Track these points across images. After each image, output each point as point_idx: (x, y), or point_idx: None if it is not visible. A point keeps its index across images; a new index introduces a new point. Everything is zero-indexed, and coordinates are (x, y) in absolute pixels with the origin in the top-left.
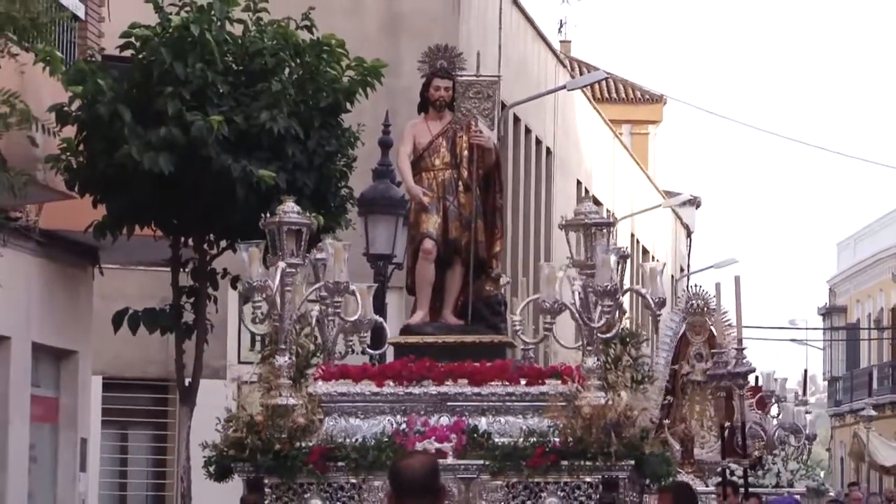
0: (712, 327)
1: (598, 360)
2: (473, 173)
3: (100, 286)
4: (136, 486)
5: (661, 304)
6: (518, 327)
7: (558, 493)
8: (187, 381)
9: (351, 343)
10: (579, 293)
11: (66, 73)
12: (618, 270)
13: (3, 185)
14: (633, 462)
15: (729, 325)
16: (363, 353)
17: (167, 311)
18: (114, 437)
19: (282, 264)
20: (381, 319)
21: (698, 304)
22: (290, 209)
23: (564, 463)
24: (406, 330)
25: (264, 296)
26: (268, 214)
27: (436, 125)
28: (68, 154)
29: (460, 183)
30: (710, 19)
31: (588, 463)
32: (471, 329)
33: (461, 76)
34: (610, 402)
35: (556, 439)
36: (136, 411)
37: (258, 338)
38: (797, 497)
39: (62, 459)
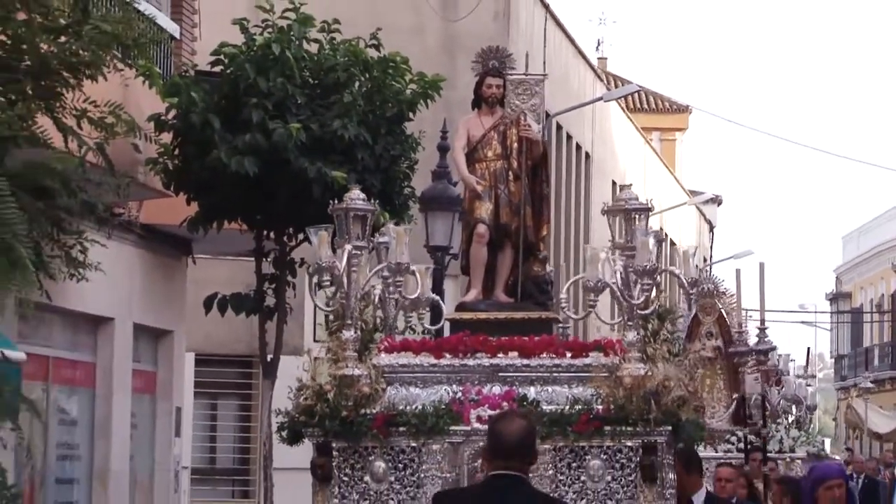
0: (721, 308)
1: (637, 334)
2: (522, 164)
3: (192, 273)
4: (223, 449)
5: (693, 283)
6: (564, 304)
7: (601, 456)
8: (269, 357)
9: (410, 319)
10: (620, 273)
11: (164, 87)
12: (655, 252)
13: (109, 185)
14: (670, 428)
15: (735, 307)
16: (424, 332)
17: (251, 296)
18: (204, 407)
19: (348, 247)
20: (437, 298)
21: (708, 288)
22: (355, 197)
23: (607, 428)
24: (461, 307)
25: (332, 275)
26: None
27: (488, 120)
28: (165, 158)
29: (510, 173)
30: (732, 37)
31: (629, 428)
32: (520, 306)
33: (511, 75)
34: (649, 373)
35: (600, 407)
36: (224, 384)
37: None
38: (838, 463)
39: (159, 426)
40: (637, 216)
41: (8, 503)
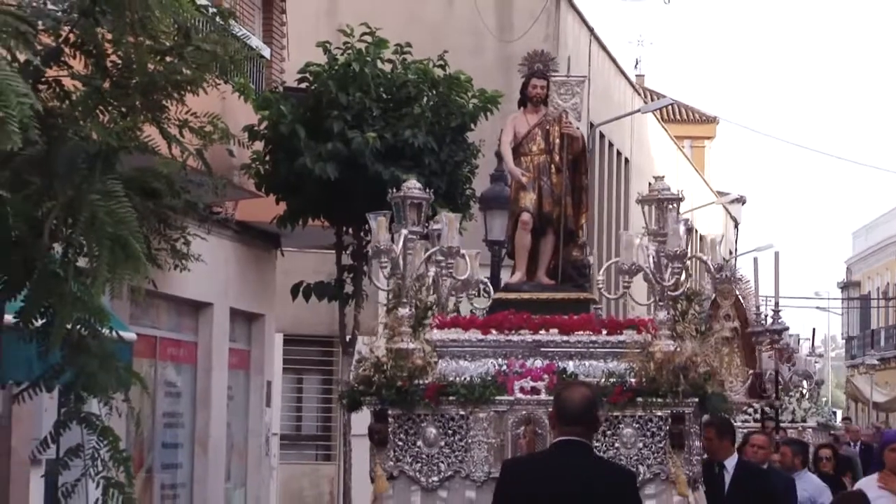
0: (738, 293)
1: (667, 313)
2: (564, 158)
3: (281, 264)
4: (308, 418)
5: (719, 268)
6: (601, 286)
7: (633, 424)
8: (347, 337)
9: (461, 299)
10: (653, 257)
11: (256, 101)
12: (685, 238)
13: (209, 186)
14: (696, 399)
15: (750, 292)
16: (472, 310)
17: (332, 284)
18: (291, 381)
19: (404, 231)
20: (485, 279)
21: (726, 275)
22: (412, 186)
23: (639, 400)
24: (506, 288)
25: (389, 258)
26: (393, 190)
27: (532, 117)
28: (257, 163)
29: (552, 166)
30: (755, 55)
31: (659, 400)
32: (560, 287)
33: (554, 76)
34: (678, 350)
35: (633, 380)
36: (309, 361)
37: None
38: None
39: (252, 398)
40: (668, 205)
41: (121, 464)
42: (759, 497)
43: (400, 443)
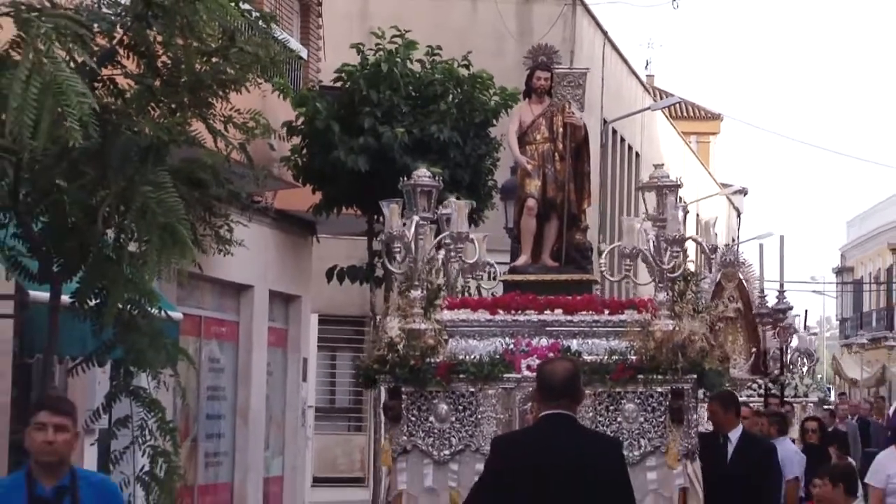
0: (741, 276)
1: (666, 294)
2: (567, 146)
3: (316, 250)
4: (341, 392)
5: (714, 250)
6: (604, 269)
7: (635, 400)
8: (378, 317)
9: (468, 281)
10: (653, 241)
11: (294, 98)
12: (684, 223)
13: (250, 177)
14: (695, 376)
15: (752, 276)
16: (478, 289)
17: (363, 268)
18: (326, 358)
19: (416, 217)
20: (493, 262)
21: (730, 259)
22: (422, 174)
23: (640, 376)
24: (513, 270)
25: (402, 242)
26: (405, 179)
27: (537, 108)
28: (295, 156)
29: (556, 154)
30: (758, 56)
31: (659, 377)
32: (564, 269)
33: (558, 69)
34: (677, 328)
35: (634, 357)
36: (342, 339)
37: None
38: None
39: (289, 373)
40: (667, 192)
41: (168, 434)
42: (762, 467)
43: (413, 418)
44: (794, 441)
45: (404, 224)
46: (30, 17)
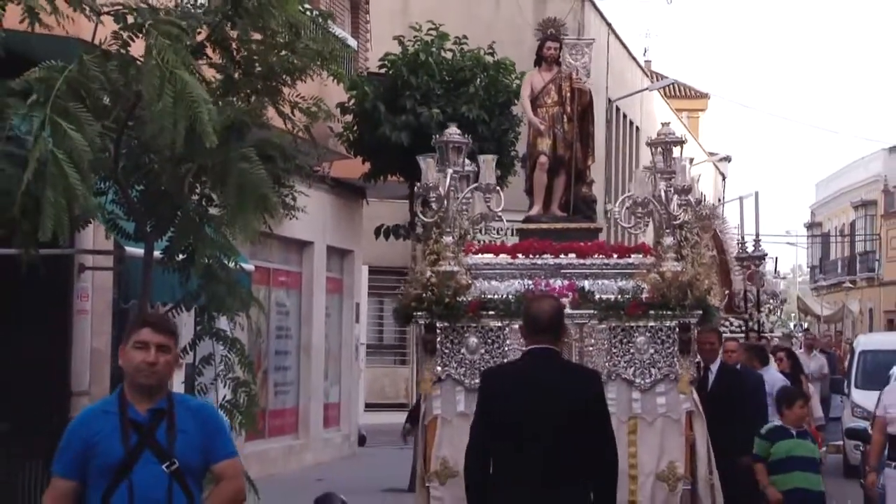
0: (715, 227)
1: (673, 239)
2: (574, 109)
3: (366, 211)
4: (388, 331)
5: (687, 190)
6: (618, 217)
7: (646, 333)
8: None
9: (478, 230)
10: (663, 190)
11: (346, 84)
12: (689, 174)
13: (312, 153)
14: (700, 311)
15: (727, 226)
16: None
17: (406, 226)
18: (375, 303)
19: (449, 171)
20: (500, 214)
21: (706, 213)
22: (453, 132)
23: (651, 312)
24: (527, 219)
25: (436, 193)
26: (436, 136)
27: (547, 75)
28: (347, 132)
29: (565, 116)
30: (743, 40)
31: (669, 312)
32: (572, 218)
33: (566, 39)
34: (684, 269)
35: (644, 296)
36: (388, 286)
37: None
38: None
39: (344, 316)
40: (673, 147)
41: (245, 368)
42: (735, 393)
43: (446, 350)
44: None
45: (439, 176)
46: (142, 23)
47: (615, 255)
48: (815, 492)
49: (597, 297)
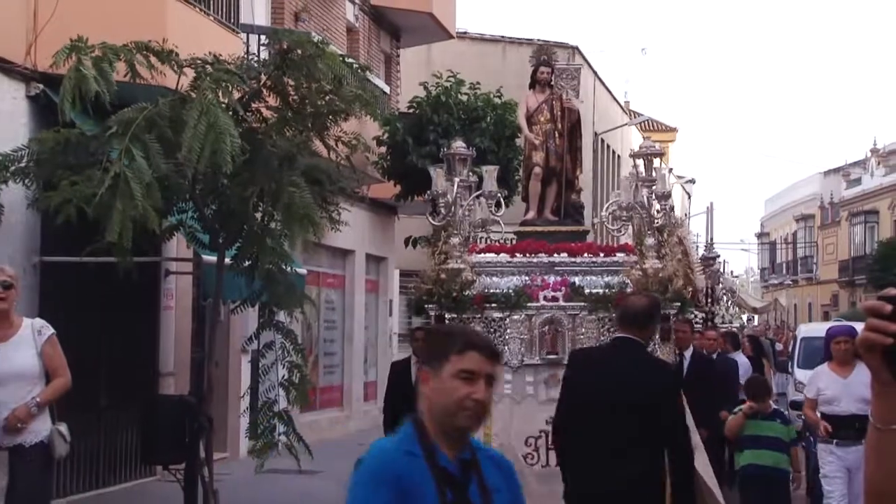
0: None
1: (654, 240)
2: (564, 126)
3: (398, 225)
4: (416, 324)
5: (666, 196)
6: (605, 220)
7: None
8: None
9: (479, 232)
10: (644, 196)
11: (381, 121)
12: (669, 182)
13: (353, 176)
14: (679, 303)
15: (689, 232)
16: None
17: (430, 238)
18: (404, 300)
19: (456, 179)
20: (498, 218)
21: (670, 221)
22: (459, 145)
23: None
24: (524, 223)
25: (445, 199)
26: (445, 149)
27: (541, 96)
28: (382, 160)
29: (556, 132)
30: (706, 82)
31: None
32: (562, 222)
33: (557, 65)
34: (664, 266)
35: (629, 290)
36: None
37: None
38: (849, 325)
39: (380, 310)
40: (654, 158)
41: (298, 353)
42: (708, 377)
43: None
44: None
45: (447, 185)
46: (203, 69)
47: (602, 254)
48: (779, 469)
49: (587, 291)
